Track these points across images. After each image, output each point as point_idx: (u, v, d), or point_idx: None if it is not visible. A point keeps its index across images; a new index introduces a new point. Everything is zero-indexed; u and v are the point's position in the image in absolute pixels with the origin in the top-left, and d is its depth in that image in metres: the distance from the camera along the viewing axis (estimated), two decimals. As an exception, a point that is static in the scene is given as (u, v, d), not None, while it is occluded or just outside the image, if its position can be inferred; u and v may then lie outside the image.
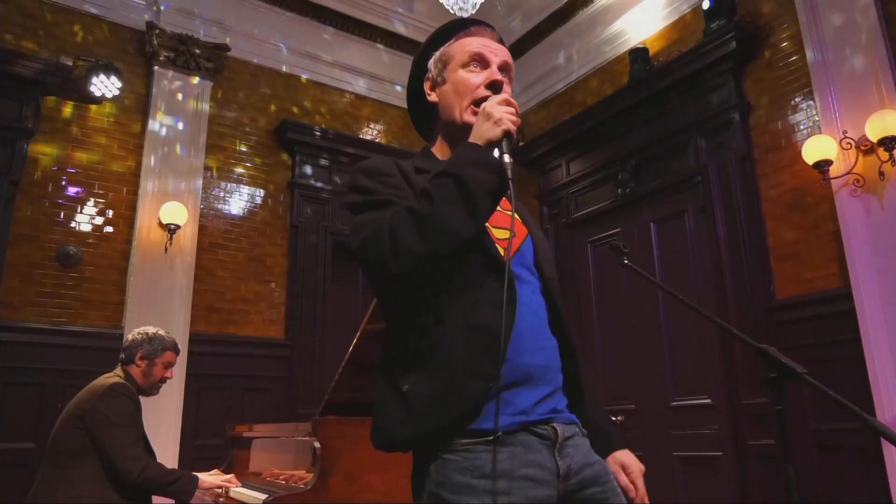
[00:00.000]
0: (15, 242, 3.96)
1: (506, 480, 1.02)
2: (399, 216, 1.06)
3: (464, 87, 1.26)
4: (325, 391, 2.60)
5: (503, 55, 1.29)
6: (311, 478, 2.24)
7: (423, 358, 1.08)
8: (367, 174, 1.18)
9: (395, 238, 1.04)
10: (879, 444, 3.10)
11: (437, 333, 1.08)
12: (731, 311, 3.90)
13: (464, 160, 1.08)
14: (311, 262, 5.05)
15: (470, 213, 1.05)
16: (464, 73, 1.27)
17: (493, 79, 1.25)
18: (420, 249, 1.03)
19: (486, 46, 1.29)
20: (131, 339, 2.70)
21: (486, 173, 1.06)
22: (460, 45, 1.30)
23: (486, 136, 1.10)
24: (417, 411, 1.06)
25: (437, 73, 1.32)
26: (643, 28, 4.90)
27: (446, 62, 1.30)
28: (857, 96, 3.39)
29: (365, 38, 5.75)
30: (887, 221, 3.22)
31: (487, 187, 1.06)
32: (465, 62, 1.28)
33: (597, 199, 5.03)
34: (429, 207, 1.04)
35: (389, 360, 1.15)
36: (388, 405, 1.10)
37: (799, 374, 1.37)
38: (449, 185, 1.05)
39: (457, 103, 1.26)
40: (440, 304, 1.10)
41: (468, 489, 1.01)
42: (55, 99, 4.28)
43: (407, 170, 1.20)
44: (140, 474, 2.39)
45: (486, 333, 1.05)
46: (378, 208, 1.12)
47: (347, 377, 2.51)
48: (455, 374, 1.05)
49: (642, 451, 4.40)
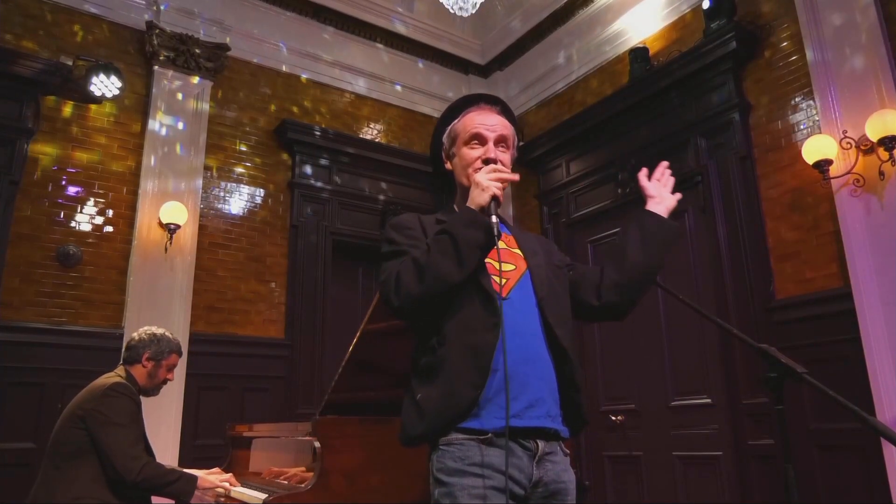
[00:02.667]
0: (15, 242, 3.96)
1: (491, 470, 1.29)
2: (405, 264, 1.38)
3: (467, 160, 1.56)
4: (325, 391, 2.59)
5: (500, 129, 1.58)
6: (311, 477, 2.24)
7: (431, 372, 1.37)
8: (394, 228, 1.51)
9: (399, 281, 1.36)
10: (879, 444, 3.10)
11: (441, 353, 1.36)
12: (731, 311, 3.90)
13: (458, 221, 1.38)
14: (311, 262, 5.05)
15: (458, 263, 1.33)
16: (466, 150, 1.58)
17: (487, 157, 1.54)
18: (416, 291, 1.34)
19: (484, 125, 1.57)
20: (137, 339, 2.69)
21: (474, 231, 1.34)
22: (464, 122, 1.60)
23: (476, 201, 1.38)
24: (426, 413, 1.34)
25: (448, 146, 1.64)
26: (643, 28, 4.90)
27: (454, 139, 1.62)
28: (857, 96, 3.39)
29: (365, 37, 5.74)
30: (887, 221, 3.21)
31: (476, 243, 1.34)
32: (467, 140, 1.58)
33: (597, 198, 5.03)
34: (426, 259, 1.35)
35: (412, 374, 1.45)
36: (408, 410, 1.40)
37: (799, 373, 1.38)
38: (445, 241, 1.35)
39: (463, 173, 1.57)
40: (445, 329, 1.38)
41: (460, 473, 1.31)
42: (55, 99, 4.27)
43: (427, 224, 1.52)
44: (139, 474, 2.38)
45: (476, 350, 1.34)
46: (396, 257, 1.43)
47: (347, 377, 2.51)
48: (452, 383, 1.33)
49: (642, 451, 4.41)
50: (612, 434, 4.59)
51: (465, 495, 1.28)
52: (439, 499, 1.33)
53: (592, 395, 4.76)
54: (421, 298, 1.34)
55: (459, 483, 1.29)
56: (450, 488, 1.30)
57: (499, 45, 6.12)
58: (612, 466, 4.55)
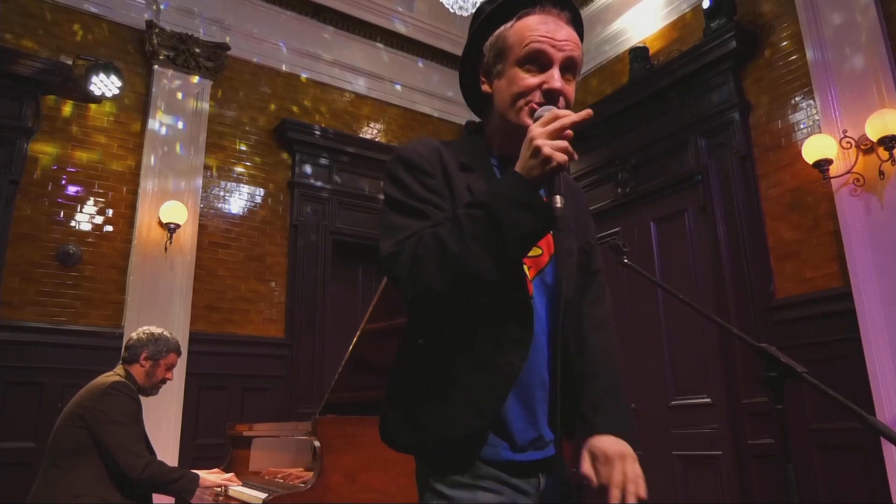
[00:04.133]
0: (15, 242, 3.96)
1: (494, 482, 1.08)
2: (426, 244, 1.00)
3: (518, 90, 1.12)
4: (325, 390, 2.59)
5: (569, 49, 1.13)
6: (311, 477, 2.24)
7: (432, 384, 1.09)
8: (407, 167, 1.11)
9: (417, 269, 1.00)
10: (879, 444, 3.09)
11: (449, 363, 1.08)
12: (731, 311, 3.90)
13: (505, 196, 0.99)
14: (311, 262, 5.05)
15: (497, 258, 0.98)
16: (520, 73, 1.12)
17: (550, 86, 1.11)
18: (439, 288, 0.99)
19: (549, 38, 1.11)
20: (136, 339, 2.70)
21: (526, 216, 0.98)
22: (520, 30, 1.13)
23: (532, 172, 0.99)
24: (417, 432, 1.08)
25: (492, 61, 1.17)
26: (643, 27, 4.90)
27: (502, 51, 1.15)
28: (856, 95, 3.39)
29: (365, 37, 5.74)
30: (887, 221, 3.21)
31: (525, 231, 0.98)
32: (521, 58, 1.12)
33: (597, 198, 5.03)
34: (456, 245, 0.98)
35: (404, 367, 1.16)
36: (395, 417, 1.13)
37: (799, 373, 1.38)
38: (483, 223, 0.98)
39: (511, 105, 1.13)
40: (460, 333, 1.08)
41: (467, 487, 1.07)
42: (55, 98, 4.27)
43: (450, 167, 1.13)
44: (143, 472, 2.39)
45: (497, 373, 1.05)
46: (411, 216, 1.07)
47: (347, 376, 2.51)
48: (458, 407, 1.05)
49: (642, 451, 4.40)
50: (612, 433, 4.58)
51: None
52: None
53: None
54: (443, 297, 1.01)
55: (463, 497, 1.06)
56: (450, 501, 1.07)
57: (499, 44, 6.11)
58: (611, 466, 4.54)
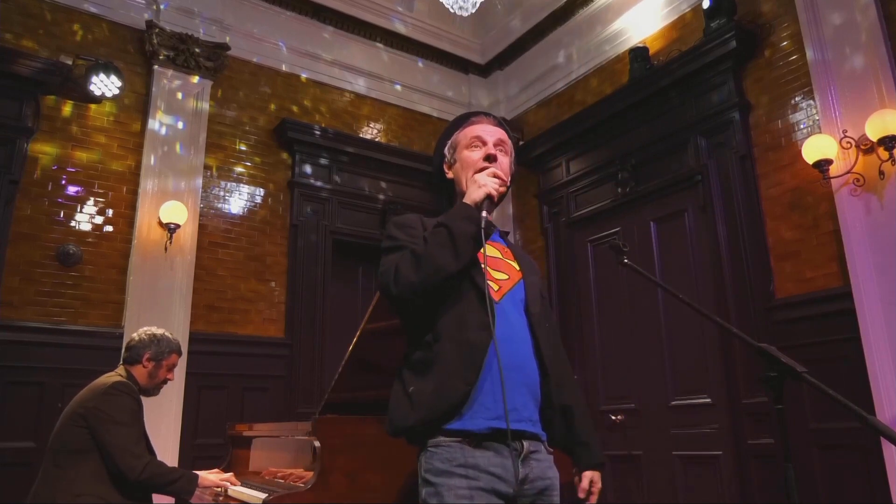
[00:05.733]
0: (15, 241, 3.96)
1: (476, 471, 1.36)
2: (404, 257, 1.45)
3: (468, 162, 1.63)
4: (325, 390, 2.60)
5: (498, 134, 1.67)
6: (311, 477, 2.24)
7: (424, 366, 1.44)
8: (396, 226, 1.58)
9: (398, 272, 1.43)
10: (879, 444, 3.09)
11: (435, 348, 1.43)
12: (731, 310, 3.90)
13: (454, 214, 1.46)
14: (311, 262, 5.05)
15: (454, 254, 1.40)
16: (468, 153, 1.65)
17: (488, 153, 1.62)
18: (414, 280, 1.41)
19: (483, 130, 1.67)
20: (137, 339, 2.70)
21: (468, 224, 1.42)
22: (465, 132, 1.69)
23: (472, 197, 1.47)
24: (417, 406, 1.40)
25: (450, 155, 1.71)
26: (643, 27, 4.90)
27: (456, 146, 1.70)
28: (856, 95, 3.39)
29: (365, 37, 5.74)
30: (887, 221, 3.21)
31: (469, 235, 1.41)
32: (468, 144, 1.66)
33: (597, 198, 5.03)
34: (424, 249, 1.43)
35: (404, 367, 1.51)
36: (399, 402, 1.46)
37: (799, 373, 1.38)
38: (442, 233, 1.43)
39: (464, 175, 1.63)
40: (440, 326, 1.44)
41: (447, 474, 1.36)
42: (55, 98, 4.27)
43: (429, 224, 1.56)
44: (142, 472, 2.39)
45: (470, 347, 1.40)
46: (396, 251, 1.50)
47: (347, 376, 2.51)
48: (445, 377, 1.39)
49: (642, 451, 4.41)
50: (612, 433, 4.59)
51: (451, 495, 1.34)
52: (427, 498, 1.39)
53: (592, 394, 4.77)
54: (418, 287, 1.40)
55: (447, 483, 1.35)
56: (437, 488, 1.36)
57: (499, 44, 6.12)
58: (611, 466, 4.54)
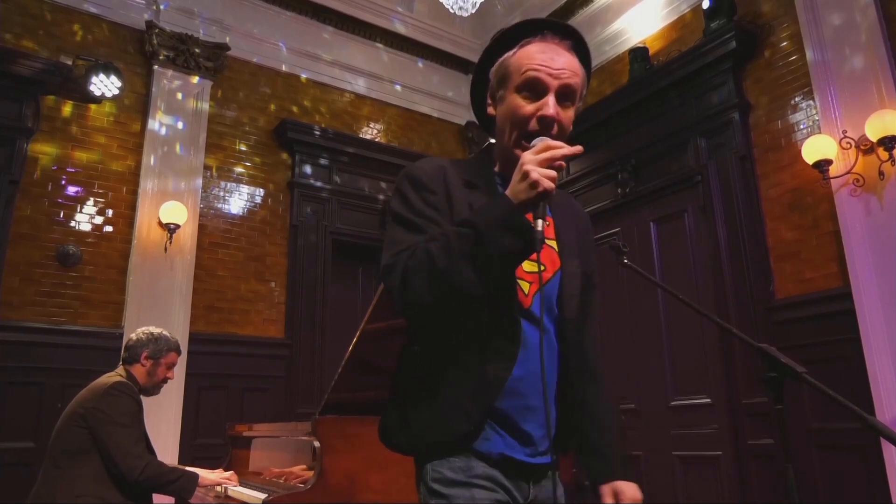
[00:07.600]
0: (15, 242, 3.96)
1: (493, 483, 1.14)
2: (417, 258, 1.08)
3: (514, 117, 1.18)
4: (325, 391, 2.59)
5: (566, 77, 1.16)
6: (311, 477, 2.24)
7: (425, 388, 1.17)
8: (413, 184, 1.20)
9: (406, 282, 1.08)
10: (879, 444, 3.09)
11: (442, 371, 1.15)
12: (731, 311, 3.90)
13: (492, 218, 1.05)
14: (311, 262, 5.05)
15: (481, 275, 1.05)
16: (517, 99, 1.18)
17: (543, 114, 1.15)
18: (426, 300, 1.07)
19: (545, 66, 1.16)
20: (136, 339, 2.70)
21: (510, 238, 1.04)
22: (520, 58, 1.19)
23: (520, 196, 1.04)
24: (411, 431, 1.17)
25: (495, 86, 1.25)
26: (643, 27, 4.90)
27: (504, 78, 1.21)
28: (856, 96, 3.39)
29: (365, 37, 5.75)
30: (887, 221, 3.21)
31: (508, 251, 1.04)
32: (519, 85, 1.18)
33: (596, 198, 5.03)
34: (444, 260, 1.05)
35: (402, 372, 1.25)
36: (392, 415, 1.22)
37: (798, 373, 1.37)
38: (470, 241, 1.04)
39: (507, 131, 1.20)
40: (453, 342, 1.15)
41: (462, 485, 1.13)
42: (55, 98, 4.27)
43: (454, 185, 1.21)
44: (142, 473, 2.39)
45: (482, 381, 1.12)
46: (410, 230, 1.15)
47: (347, 377, 2.51)
48: (446, 411, 1.13)
49: (642, 451, 4.41)
50: (612, 434, 4.58)
51: None
52: None
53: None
54: (432, 309, 1.09)
55: (460, 495, 1.12)
56: (449, 500, 1.13)
57: (499, 44, 6.11)
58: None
